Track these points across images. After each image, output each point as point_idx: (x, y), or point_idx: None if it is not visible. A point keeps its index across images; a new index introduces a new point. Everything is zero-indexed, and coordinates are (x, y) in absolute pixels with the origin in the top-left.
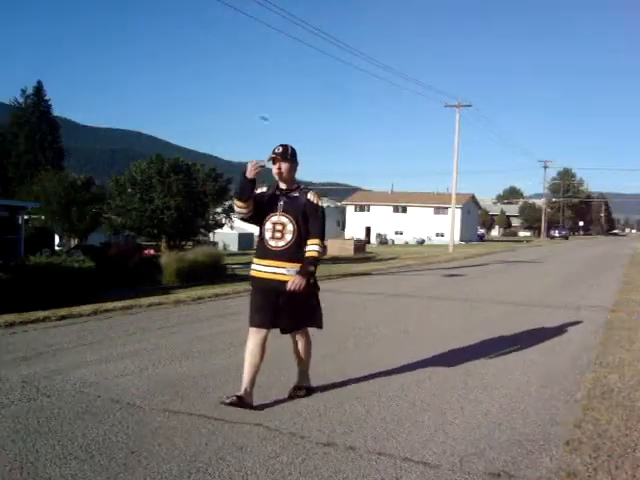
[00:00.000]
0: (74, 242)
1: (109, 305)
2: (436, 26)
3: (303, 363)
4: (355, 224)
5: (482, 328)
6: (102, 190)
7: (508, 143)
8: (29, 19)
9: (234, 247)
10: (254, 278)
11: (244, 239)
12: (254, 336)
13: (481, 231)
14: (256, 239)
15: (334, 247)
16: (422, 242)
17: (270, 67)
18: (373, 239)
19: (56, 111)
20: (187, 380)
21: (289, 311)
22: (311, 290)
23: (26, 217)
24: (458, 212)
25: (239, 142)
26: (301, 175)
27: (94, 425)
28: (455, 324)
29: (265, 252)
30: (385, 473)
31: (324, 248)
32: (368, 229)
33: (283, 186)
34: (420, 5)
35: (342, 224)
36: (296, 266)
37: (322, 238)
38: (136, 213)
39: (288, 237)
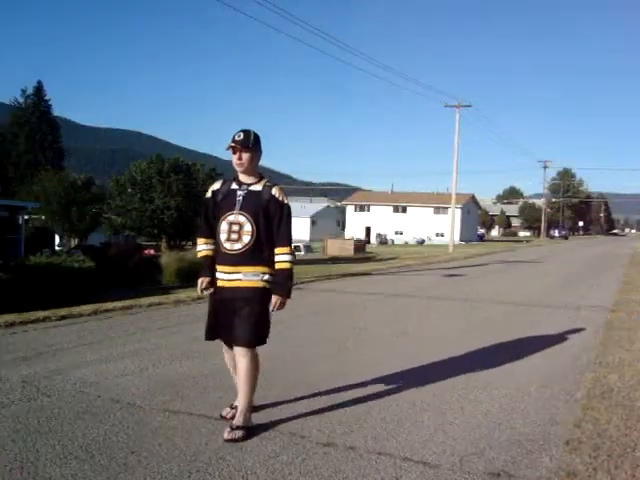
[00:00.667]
0: (74, 242)
1: (109, 305)
2: (436, 26)
3: (242, 394)
4: (355, 224)
5: (482, 328)
6: (102, 190)
7: (508, 143)
8: (29, 19)
9: None
10: (217, 288)
11: None
12: (227, 353)
13: (481, 231)
14: None
15: (334, 247)
16: (422, 242)
17: (270, 67)
18: (373, 239)
19: (56, 111)
20: (187, 380)
21: (238, 320)
22: (263, 301)
23: (26, 217)
24: (458, 212)
25: None
26: (302, 175)
27: (94, 425)
28: (455, 324)
29: (221, 257)
30: (385, 473)
31: (294, 256)
32: (368, 229)
33: (243, 178)
34: (420, 5)
35: (342, 224)
36: (254, 270)
37: (291, 244)
38: (136, 213)
39: (245, 239)
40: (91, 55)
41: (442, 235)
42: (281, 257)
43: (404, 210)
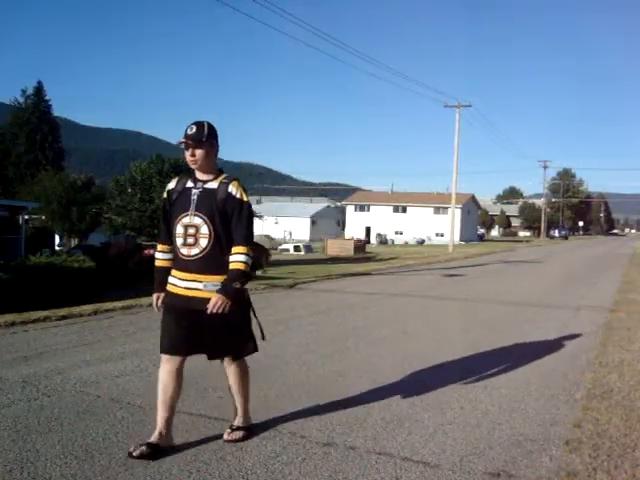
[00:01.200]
0: (74, 242)
1: (109, 305)
2: (437, 30)
3: (239, 398)
4: (355, 224)
5: (482, 328)
6: (102, 190)
7: (508, 143)
8: (30, 19)
9: None
10: (167, 293)
11: None
12: (165, 365)
13: (481, 231)
14: (256, 239)
15: (334, 247)
16: (422, 242)
17: (271, 66)
18: (373, 239)
19: (56, 111)
20: (187, 380)
21: (211, 334)
22: (239, 309)
23: (26, 217)
24: (458, 212)
25: (239, 142)
26: (302, 175)
27: (94, 425)
28: (455, 324)
29: (178, 262)
30: (385, 473)
31: (252, 257)
32: (368, 229)
33: (199, 175)
34: (421, 8)
35: (342, 224)
36: (215, 279)
37: (249, 244)
38: (136, 213)
39: (203, 243)
40: (91, 55)
41: (442, 235)
42: (234, 257)
43: (404, 210)
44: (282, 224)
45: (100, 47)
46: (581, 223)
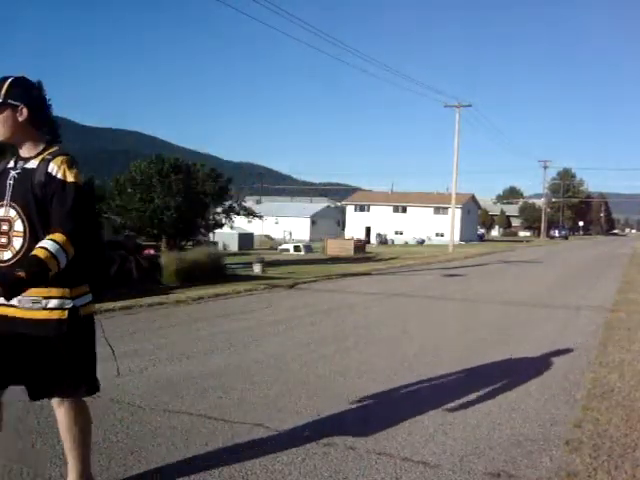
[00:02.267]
0: None
1: (109, 305)
2: (437, 32)
3: (71, 457)
4: (355, 224)
5: (481, 328)
6: (102, 190)
7: (508, 143)
8: (30, 19)
9: (234, 247)
10: None
11: (244, 239)
12: None
13: (481, 231)
14: (256, 239)
15: (334, 247)
16: (422, 242)
17: (272, 67)
18: (373, 239)
19: (56, 111)
20: (187, 380)
21: (32, 366)
22: (68, 342)
23: None
24: (458, 212)
25: (239, 142)
26: (302, 175)
27: (94, 425)
28: (454, 324)
29: None
30: (385, 473)
31: (68, 251)
32: (368, 229)
33: (21, 151)
34: (422, 11)
35: (342, 224)
36: (33, 293)
37: (70, 233)
38: (136, 213)
39: (17, 244)
40: (91, 55)
41: (442, 235)
42: (43, 242)
43: (404, 210)
44: (282, 224)
45: (100, 47)
46: (581, 223)
